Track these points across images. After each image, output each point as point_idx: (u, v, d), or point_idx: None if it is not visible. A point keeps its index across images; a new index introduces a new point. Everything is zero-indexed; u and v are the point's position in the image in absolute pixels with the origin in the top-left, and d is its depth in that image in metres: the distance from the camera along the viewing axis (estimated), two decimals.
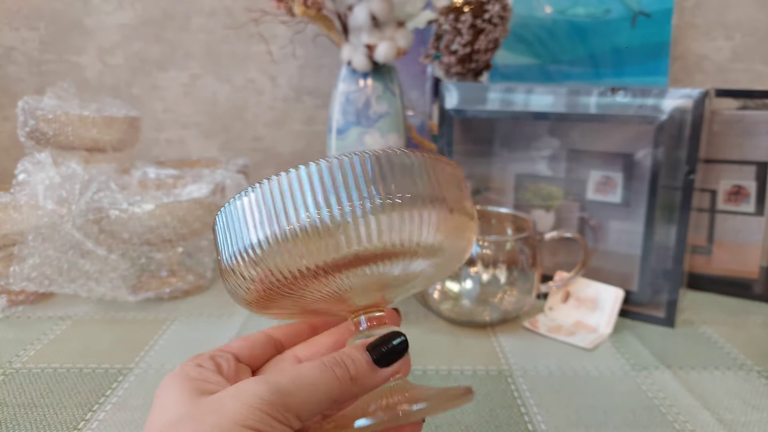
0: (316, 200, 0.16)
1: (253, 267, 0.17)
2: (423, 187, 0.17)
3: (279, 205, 0.16)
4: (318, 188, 0.16)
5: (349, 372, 0.17)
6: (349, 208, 0.16)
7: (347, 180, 0.16)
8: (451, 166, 0.19)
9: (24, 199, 0.42)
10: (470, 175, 0.51)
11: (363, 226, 0.16)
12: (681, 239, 0.40)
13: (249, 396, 0.16)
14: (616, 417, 0.30)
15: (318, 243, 0.16)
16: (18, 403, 0.30)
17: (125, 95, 0.73)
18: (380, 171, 0.16)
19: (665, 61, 0.61)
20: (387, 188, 0.16)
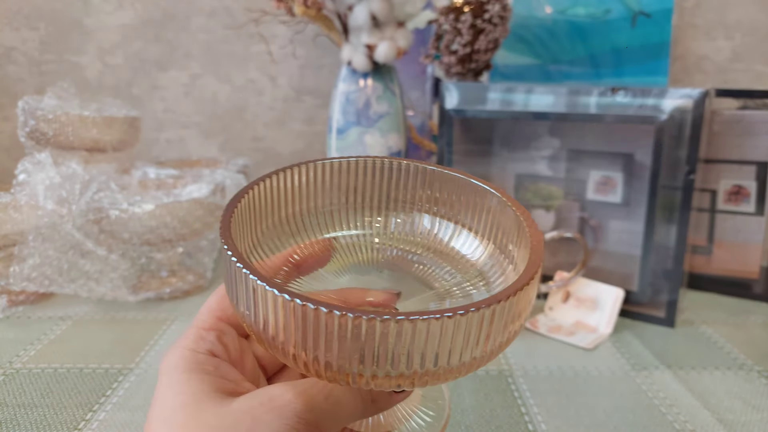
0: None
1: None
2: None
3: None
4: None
5: (371, 394, 0.17)
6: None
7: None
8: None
9: (24, 199, 0.42)
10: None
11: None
12: (681, 239, 0.40)
13: (284, 412, 0.15)
14: (616, 417, 0.30)
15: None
16: (18, 404, 0.30)
17: (125, 95, 0.73)
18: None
19: (665, 61, 0.61)
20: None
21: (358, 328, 0.13)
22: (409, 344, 0.13)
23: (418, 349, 0.14)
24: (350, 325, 0.13)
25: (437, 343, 0.14)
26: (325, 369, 0.14)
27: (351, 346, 0.13)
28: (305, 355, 0.14)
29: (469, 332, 0.14)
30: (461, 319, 0.14)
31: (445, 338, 0.14)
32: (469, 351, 0.14)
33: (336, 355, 0.14)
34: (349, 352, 0.14)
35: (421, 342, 0.14)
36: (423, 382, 0.15)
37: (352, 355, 0.14)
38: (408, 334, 0.13)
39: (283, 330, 0.14)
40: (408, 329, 0.13)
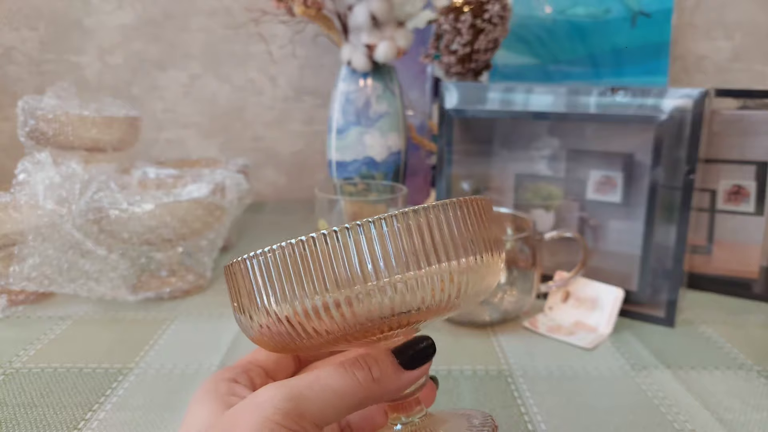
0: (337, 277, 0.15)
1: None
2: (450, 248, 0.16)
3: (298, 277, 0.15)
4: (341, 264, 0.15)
5: (371, 374, 0.17)
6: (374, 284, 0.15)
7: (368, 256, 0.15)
8: (476, 209, 0.17)
9: (24, 199, 0.42)
10: (470, 175, 0.51)
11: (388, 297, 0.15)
12: (681, 239, 0.40)
13: (263, 406, 0.15)
14: (616, 417, 0.30)
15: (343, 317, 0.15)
16: (18, 403, 0.30)
17: (125, 95, 0.73)
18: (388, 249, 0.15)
19: (665, 60, 0.61)
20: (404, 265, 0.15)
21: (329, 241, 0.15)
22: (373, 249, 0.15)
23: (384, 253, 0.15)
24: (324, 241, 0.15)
25: (402, 244, 0.15)
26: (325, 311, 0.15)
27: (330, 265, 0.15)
28: (314, 299, 0.15)
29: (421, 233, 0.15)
30: (412, 217, 0.15)
31: (404, 240, 0.15)
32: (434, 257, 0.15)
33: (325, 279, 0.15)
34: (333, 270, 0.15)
35: (384, 246, 0.15)
36: (403, 304, 0.15)
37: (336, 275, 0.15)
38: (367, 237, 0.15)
39: (281, 293, 0.15)
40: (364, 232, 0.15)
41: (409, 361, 0.17)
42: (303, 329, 0.16)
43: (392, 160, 0.56)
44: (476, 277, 0.16)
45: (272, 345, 0.17)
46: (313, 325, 0.15)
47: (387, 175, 0.56)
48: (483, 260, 0.16)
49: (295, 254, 0.15)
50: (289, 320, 0.15)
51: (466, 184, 0.51)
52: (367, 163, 0.55)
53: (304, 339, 0.16)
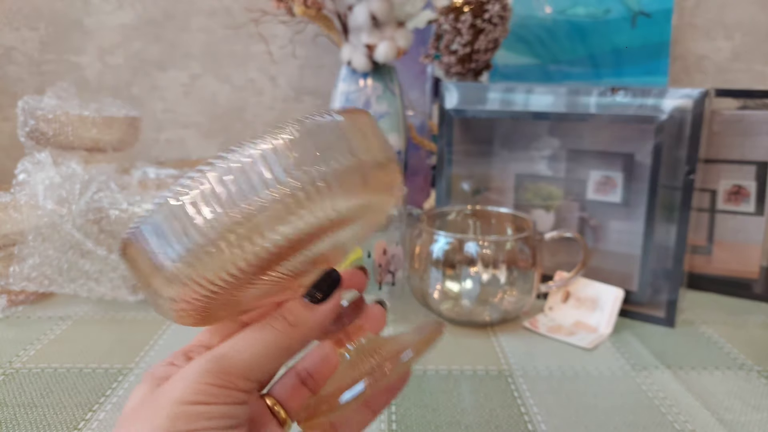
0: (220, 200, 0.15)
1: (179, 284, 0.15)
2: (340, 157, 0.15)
3: (178, 226, 0.15)
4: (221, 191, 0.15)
5: (287, 320, 0.17)
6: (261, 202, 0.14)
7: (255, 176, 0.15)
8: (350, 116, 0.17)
9: (24, 199, 0.42)
10: (470, 175, 0.51)
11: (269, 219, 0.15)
12: (681, 239, 0.40)
13: (189, 373, 0.16)
14: (616, 417, 0.30)
15: (233, 247, 0.15)
16: (18, 403, 0.30)
17: (125, 95, 0.73)
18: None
19: (665, 61, 0.61)
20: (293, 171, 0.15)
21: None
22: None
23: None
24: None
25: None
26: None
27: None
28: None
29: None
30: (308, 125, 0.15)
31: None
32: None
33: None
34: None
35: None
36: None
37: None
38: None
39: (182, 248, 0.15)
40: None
41: (316, 296, 0.18)
42: (209, 282, 0.15)
43: None
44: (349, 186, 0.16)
45: (193, 316, 0.17)
46: (219, 274, 0.15)
47: None
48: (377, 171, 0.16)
49: (180, 203, 0.15)
50: (195, 280, 0.15)
51: (466, 184, 0.51)
52: None
53: (216, 294, 0.16)
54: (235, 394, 0.16)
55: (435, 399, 0.31)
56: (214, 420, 0.15)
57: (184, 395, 0.15)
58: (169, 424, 0.15)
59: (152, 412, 0.15)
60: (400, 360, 0.17)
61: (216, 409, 0.15)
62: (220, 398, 0.16)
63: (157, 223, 0.15)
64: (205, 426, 0.15)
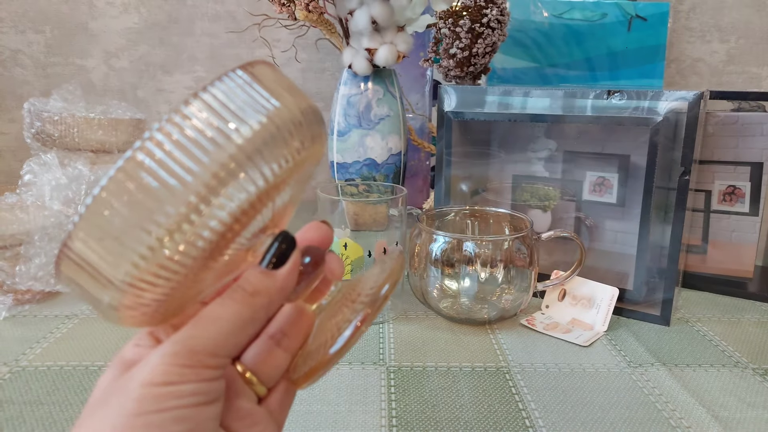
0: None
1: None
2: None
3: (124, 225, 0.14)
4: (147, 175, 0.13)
5: (245, 290, 0.17)
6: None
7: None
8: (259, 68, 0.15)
9: (30, 199, 0.42)
10: (469, 176, 0.51)
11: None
12: (676, 239, 0.40)
13: (155, 356, 0.15)
14: (612, 413, 0.30)
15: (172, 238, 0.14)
16: (24, 401, 0.30)
17: (130, 98, 0.74)
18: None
19: (661, 63, 0.62)
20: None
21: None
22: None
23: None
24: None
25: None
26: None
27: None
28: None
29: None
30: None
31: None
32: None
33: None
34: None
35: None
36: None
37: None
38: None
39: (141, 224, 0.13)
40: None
41: (272, 261, 0.17)
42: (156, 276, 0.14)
43: (392, 161, 0.56)
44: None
45: (150, 317, 0.16)
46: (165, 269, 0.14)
47: (387, 176, 0.56)
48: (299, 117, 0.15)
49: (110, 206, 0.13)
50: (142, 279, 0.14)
51: (464, 185, 0.51)
52: (367, 165, 0.56)
53: (170, 292, 0.15)
54: (205, 372, 0.16)
55: (434, 395, 0.32)
56: (185, 398, 0.15)
57: (152, 377, 0.15)
58: (136, 406, 0.14)
59: (119, 396, 0.15)
60: (380, 296, 0.17)
61: (186, 387, 0.15)
62: (190, 377, 0.15)
63: (89, 232, 0.14)
64: (176, 405, 0.15)
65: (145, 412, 0.15)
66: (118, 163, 0.14)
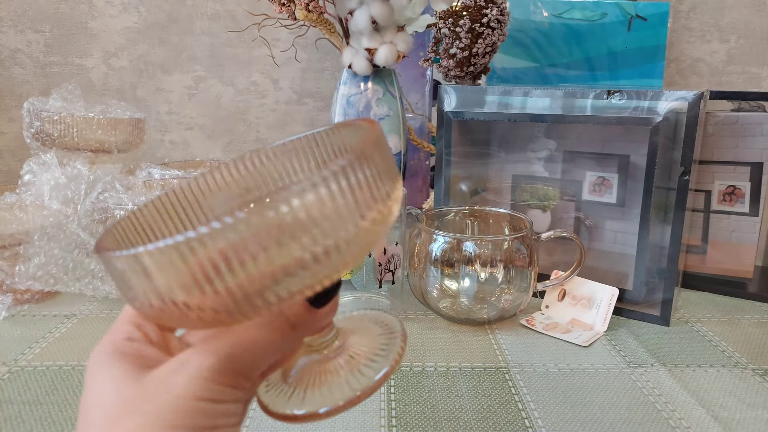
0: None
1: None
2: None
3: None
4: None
5: (289, 321, 0.17)
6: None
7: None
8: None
9: (30, 199, 0.42)
10: (468, 176, 0.51)
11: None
12: (676, 239, 0.40)
13: (197, 368, 0.15)
14: (612, 413, 0.30)
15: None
16: (23, 401, 0.30)
17: (130, 97, 0.74)
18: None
19: (661, 63, 0.62)
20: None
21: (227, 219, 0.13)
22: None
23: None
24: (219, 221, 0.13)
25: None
26: (228, 295, 0.14)
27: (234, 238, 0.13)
28: (203, 289, 0.13)
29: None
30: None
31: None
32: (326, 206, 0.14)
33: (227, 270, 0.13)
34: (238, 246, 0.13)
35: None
36: (316, 262, 0.14)
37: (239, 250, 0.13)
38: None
39: (175, 281, 0.13)
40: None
41: (319, 300, 0.18)
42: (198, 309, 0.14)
43: None
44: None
45: (215, 320, 0.15)
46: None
47: None
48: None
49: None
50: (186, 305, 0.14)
51: (464, 185, 0.51)
52: None
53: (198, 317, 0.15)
54: (239, 393, 0.16)
55: (434, 395, 0.32)
56: (221, 418, 0.15)
57: (198, 392, 0.15)
58: (173, 418, 0.15)
59: (153, 405, 0.15)
60: (376, 383, 0.18)
61: (223, 407, 0.15)
62: (228, 397, 0.16)
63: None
64: (210, 424, 0.15)
65: (182, 426, 0.15)
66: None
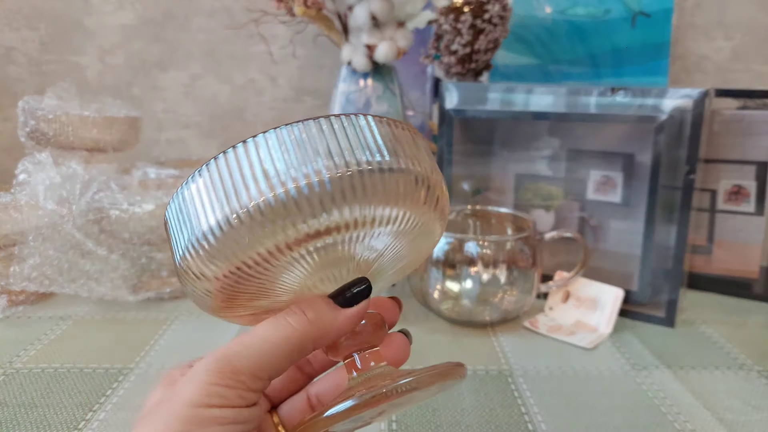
0: (268, 174, 0.14)
1: (210, 260, 0.15)
2: (385, 155, 0.15)
3: (229, 183, 0.15)
4: (270, 159, 0.14)
5: (305, 316, 0.16)
6: (305, 181, 0.14)
7: (303, 149, 0.15)
8: (408, 130, 0.17)
9: (24, 199, 0.42)
10: (470, 175, 0.51)
11: (318, 199, 0.14)
12: (681, 239, 0.40)
13: (197, 372, 0.15)
14: (616, 416, 0.30)
15: (274, 222, 0.14)
16: (18, 403, 0.30)
17: (125, 95, 0.73)
18: (337, 138, 0.15)
19: (665, 61, 0.62)
20: (344, 158, 0.15)
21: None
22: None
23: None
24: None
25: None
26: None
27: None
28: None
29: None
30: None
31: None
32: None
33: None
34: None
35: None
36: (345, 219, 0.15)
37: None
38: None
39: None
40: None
41: (345, 300, 0.17)
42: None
43: None
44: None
45: (221, 296, 0.16)
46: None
47: None
48: (417, 184, 0.16)
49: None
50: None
51: (466, 184, 0.51)
52: None
53: (244, 271, 0.15)
54: (245, 394, 0.15)
55: (435, 399, 0.31)
56: (228, 426, 0.15)
57: (193, 397, 0.15)
58: (180, 427, 0.14)
59: (165, 414, 0.15)
60: (397, 383, 0.15)
61: (229, 413, 0.15)
62: (230, 400, 0.15)
63: (208, 184, 0.15)
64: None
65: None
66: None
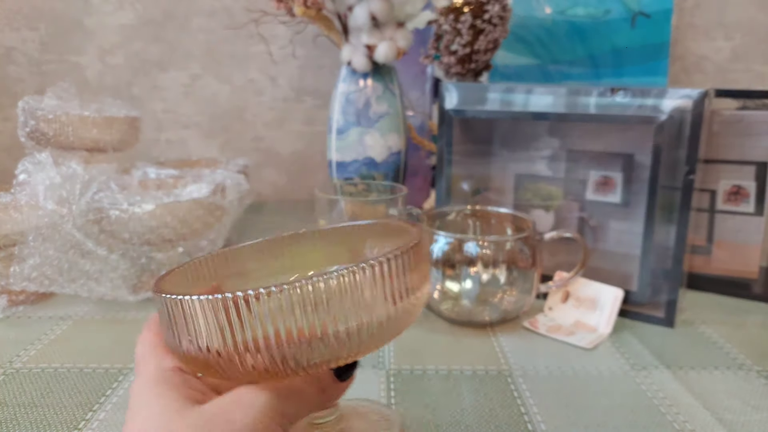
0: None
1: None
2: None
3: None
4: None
5: (320, 385, 0.20)
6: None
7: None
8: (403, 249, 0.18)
9: (24, 199, 0.42)
10: (470, 175, 0.51)
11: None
12: (680, 239, 0.40)
13: (255, 406, 0.17)
14: (616, 417, 0.30)
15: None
16: (18, 403, 0.30)
17: (125, 95, 0.73)
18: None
19: (665, 61, 0.62)
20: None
21: (277, 295, 0.16)
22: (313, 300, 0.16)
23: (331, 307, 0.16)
24: (270, 296, 0.16)
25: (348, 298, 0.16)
26: (280, 361, 0.16)
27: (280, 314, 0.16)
28: (251, 345, 0.16)
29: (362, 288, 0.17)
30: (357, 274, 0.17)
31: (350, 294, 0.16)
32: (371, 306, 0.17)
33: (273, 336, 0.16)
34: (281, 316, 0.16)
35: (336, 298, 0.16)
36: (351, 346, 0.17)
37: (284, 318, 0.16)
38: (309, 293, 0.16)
39: (220, 333, 0.16)
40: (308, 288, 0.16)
41: (342, 374, 0.20)
42: (240, 363, 0.17)
43: (392, 160, 0.56)
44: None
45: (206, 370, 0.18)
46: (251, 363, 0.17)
47: (387, 175, 0.56)
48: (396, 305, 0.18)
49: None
50: (228, 355, 0.16)
51: (465, 184, 0.51)
52: (367, 164, 0.55)
53: (237, 372, 0.17)
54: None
55: (435, 399, 0.31)
56: None
57: (256, 428, 0.16)
58: None
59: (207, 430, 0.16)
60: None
61: None
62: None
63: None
64: None
65: None
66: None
